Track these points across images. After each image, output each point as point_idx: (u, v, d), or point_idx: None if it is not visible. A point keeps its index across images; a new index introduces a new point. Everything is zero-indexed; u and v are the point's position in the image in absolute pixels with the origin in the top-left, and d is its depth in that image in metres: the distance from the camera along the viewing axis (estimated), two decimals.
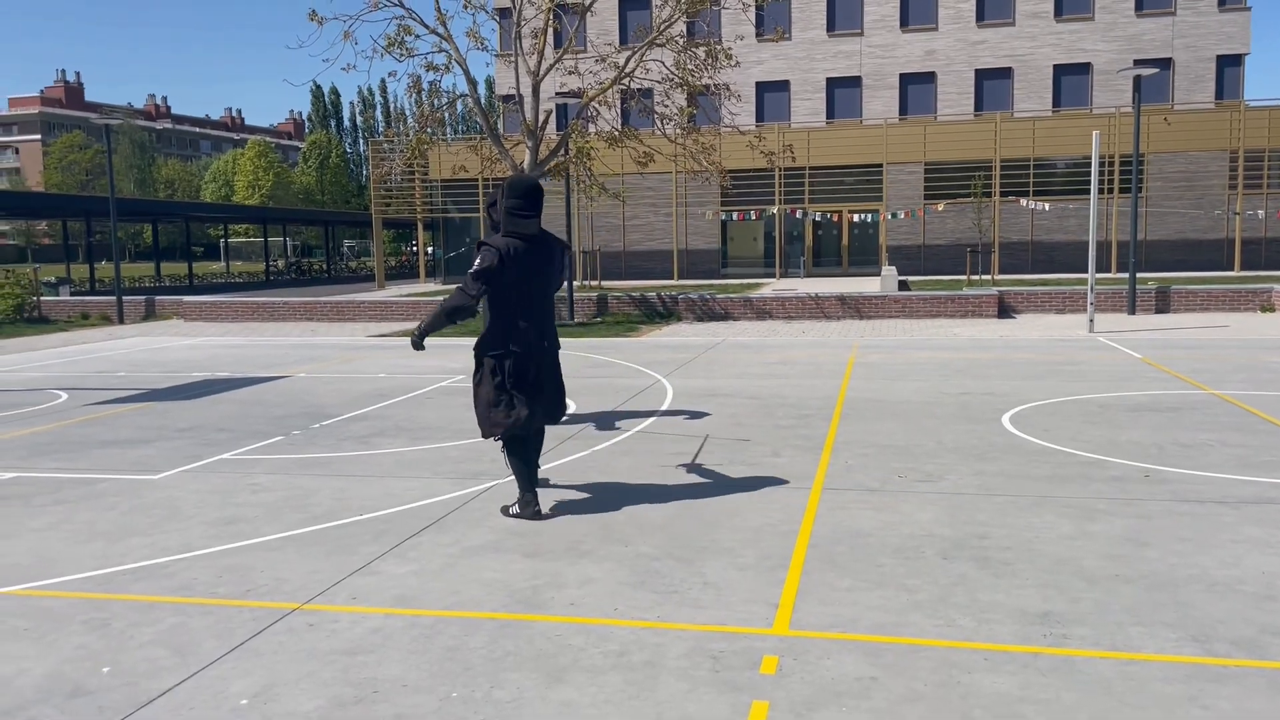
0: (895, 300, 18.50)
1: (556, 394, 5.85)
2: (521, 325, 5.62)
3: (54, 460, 7.46)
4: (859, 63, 38.38)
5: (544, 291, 5.75)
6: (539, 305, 5.70)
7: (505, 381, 5.61)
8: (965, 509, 5.65)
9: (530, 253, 5.62)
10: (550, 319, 5.81)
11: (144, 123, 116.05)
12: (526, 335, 5.62)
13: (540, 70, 17.73)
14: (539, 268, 5.66)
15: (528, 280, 5.62)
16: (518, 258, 5.57)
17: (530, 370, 5.65)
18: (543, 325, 5.71)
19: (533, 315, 5.65)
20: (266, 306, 21.06)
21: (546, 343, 5.74)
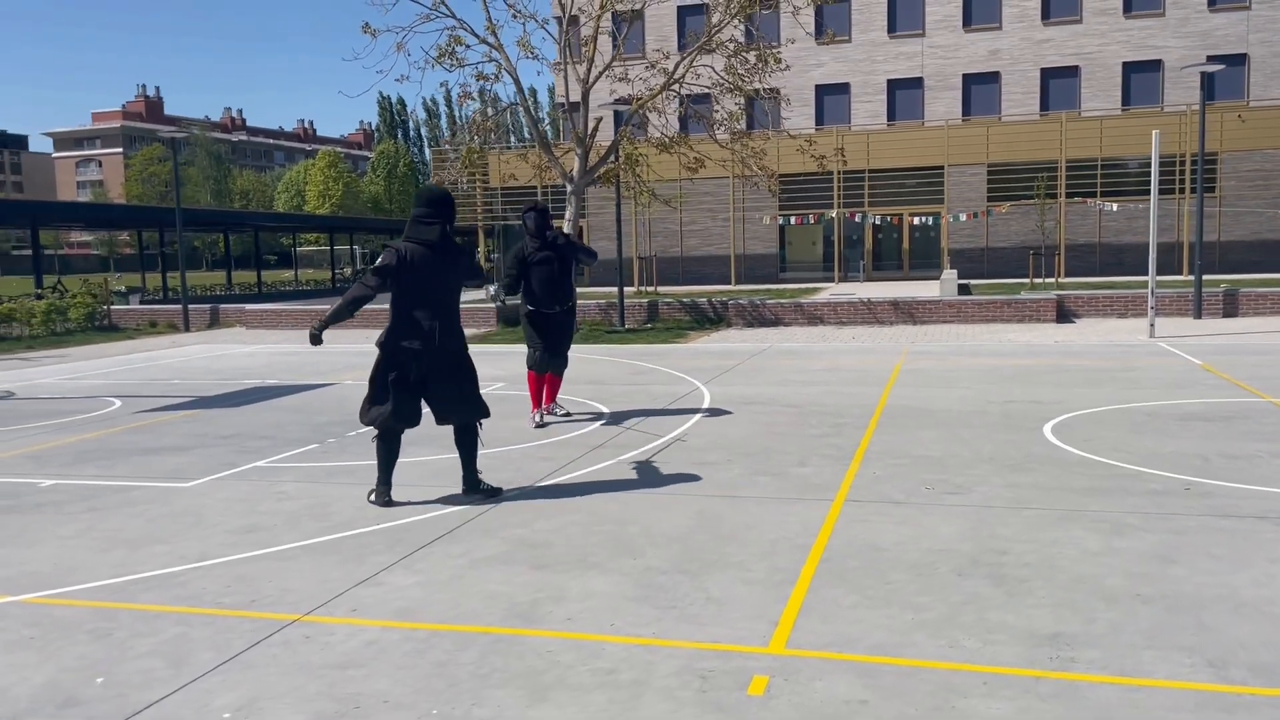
0: (950, 305, 18.14)
1: (457, 395, 6.14)
2: (415, 327, 5.98)
3: (95, 467, 7.63)
4: (920, 64, 37.81)
5: (442, 296, 6.07)
6: (437, 309, 6.03)
7: (389, 378, 5.99)
8: (990, 523, 5.48)
9: (430, 258, 6.01)
10: (452, 321, 6.13)
11: (220, 135, 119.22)
12: (420, 336, 5.96)
13: (590, 78, 17.77)
14: (438, 273, 6.03)
15: (425, 284, 5.99)
16: (416, 262, 5.98)
17: (413, 371, 5.98)
18: (441, 328, 6.02)
19: (430, 318, 5.99)
20: (322, 314, 21.38)
21: (445, 344, 6.03)
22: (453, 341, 6.12)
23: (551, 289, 8.72)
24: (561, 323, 8.85)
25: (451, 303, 6.16)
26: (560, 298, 8.77)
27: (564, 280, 8.78)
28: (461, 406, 6.19)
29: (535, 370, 8.89)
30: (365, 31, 16.87)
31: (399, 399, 6.01)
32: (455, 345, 6.14)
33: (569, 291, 8.85)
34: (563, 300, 8.79)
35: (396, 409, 6.01)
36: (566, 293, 8.82)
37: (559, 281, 8.74)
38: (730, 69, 17.84)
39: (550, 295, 8.73)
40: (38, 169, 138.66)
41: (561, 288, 8.76)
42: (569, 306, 8.88)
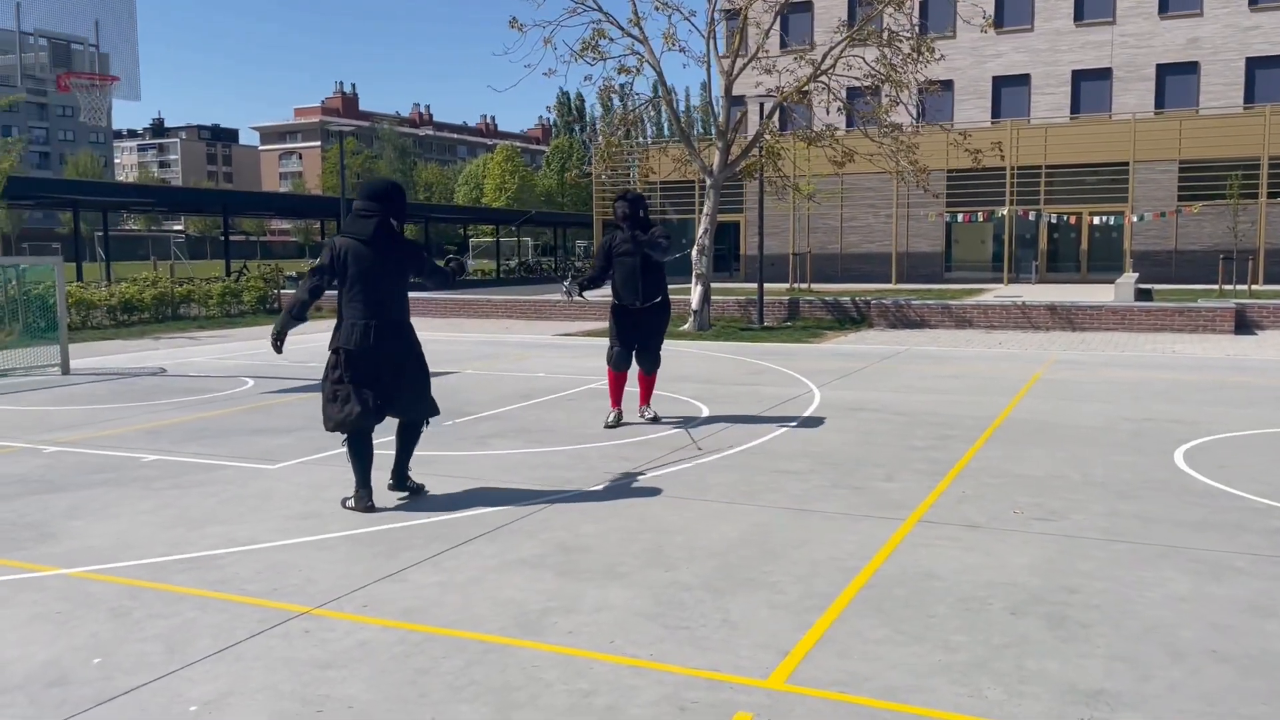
0: (1114, 312, 16.85)
1: (400, 392, 5.95)
2: (355, 323, 5.81)
3: (200, 445, 7.95)
4: (1110, 53, 35.43)
5: (380, 294, 5.83)
6: (374, 306, 5.82)
7: (343, 376, 5.83)
8: (1070, 555, 4.92)
9: (364, 253, 5.83)
10: (393, 318, 5.89)
11: (408, 130, 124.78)
12: (358, 333, 5.79)
13: (734, 70, 17.44)
14: (373, 268, 5.81)
15: (362, 280, 5.80)
16: (350, 258, 5.82)
17: (365, 367, 5.81)
18: (378, 326, 5.81)
19: (366, 315, 5.80)
20: (473, 304, 21.94)
21: (383, 344, 5.83)
22: (397, 341, 5.91)
23: (632, 283, 8.33)
24: (644, 320, 8.45)
25: (391, 299, 5.89)
26: (642, 293, 8.33)
27: (648, 274, 8.33)
28: (404, 404, 6.03)
29: (613, 368, 8.58)
30: (513, 26, 17.09)
31: (368, 398, 5.82)
32: (399, 344, 5.92)
33: (654, 287, 8.39)
34: (646, 295, 8.36)
35: (365, 408, 5.82)
36: (651, 288, 8.37)
37: (642, 275, 8.31)
38: (883, 60, 17.14)
39: (631, 290, 8.35)
40: (246, 161, 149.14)
41: (645, 282, 8.32)
42: (656, 303, 8.44)
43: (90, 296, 20.32)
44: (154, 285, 22.13)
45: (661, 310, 8.54)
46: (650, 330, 8.52)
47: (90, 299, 20.21)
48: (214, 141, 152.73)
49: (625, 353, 8.52)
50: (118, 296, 20.83)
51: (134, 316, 21.02)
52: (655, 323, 8.53)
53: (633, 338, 8.50)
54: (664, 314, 8.60)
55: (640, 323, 8.46)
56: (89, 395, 10.84)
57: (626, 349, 8.51)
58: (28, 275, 16.25)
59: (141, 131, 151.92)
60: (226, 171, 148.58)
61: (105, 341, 17.48)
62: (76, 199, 33.39)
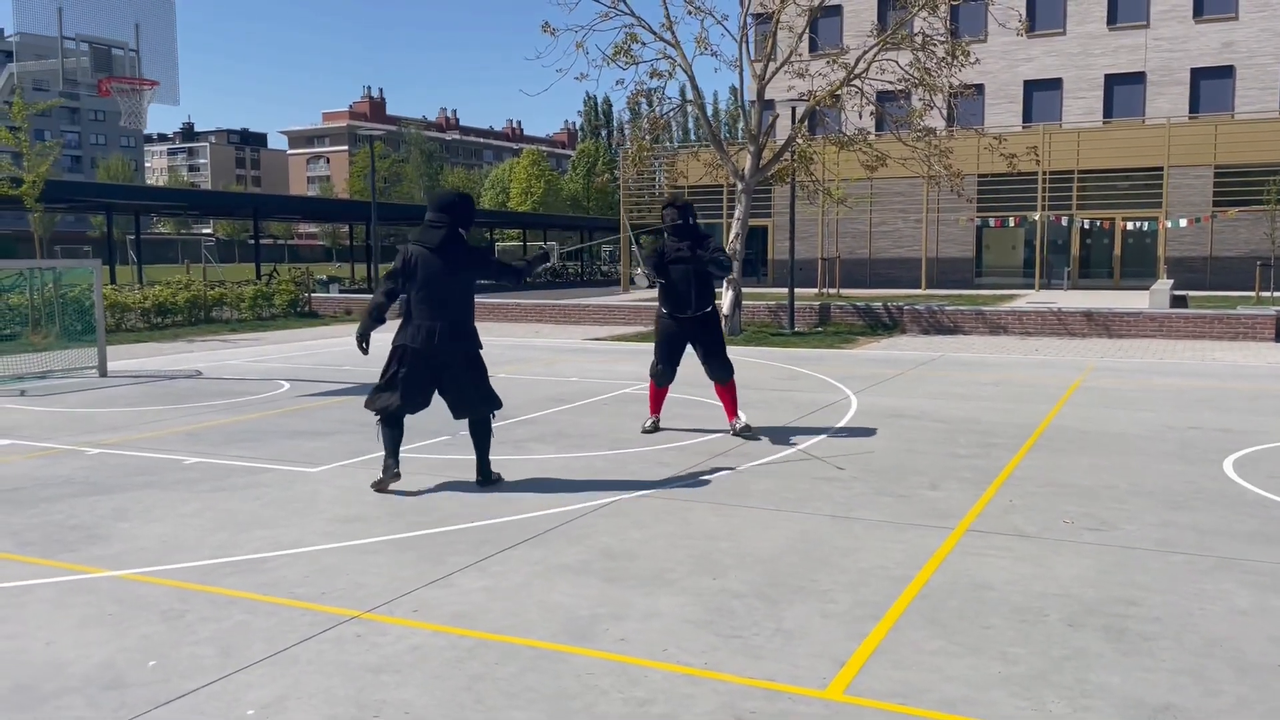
0: (1151, 319, 16.65)
1: (464, 392, 6.42)
2: (419, 327, 6.26)
3: (240, 448, 7.99)
4: (1143, 57, 35.06)
5: (444, 297, 6.28)
6: (438, 309, 6.26)
7: (399, 370, 6.32)
8: (1125, 567, 4.84)
9: (432, 260, 6.29)
10: (457, 322, 6.31)
11: (434, 134, 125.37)
12: (423, 334, 6.24)
13: (766, 74, 17.39)
14: (439, 275, 6.27)
15: (429, 284, 6.26)
16: (419, 265, 6.29)
17: (420, 366, 6.28)
18: (442, 329, 6.25)
19: (431, 318, 6.25)
20: (502, 307, 21.99)
21: (446, 345, 6.26)
22: (458, 342, 6.33)
23: (685, 293, 8.13)
24: (696, 330, 8.20)
25: (455, 303, 6.33)
26: (695, 303, 8.14)
27: (700, 284, 8.14)
28: (469, 403, 6.47)
29: (654, 380, 8.43)
30: (545, 30, 17.13)
31: (404, 392, 6.31)
32: (460, 346, 6.35)
33: (706, 297, 8.19)
34: (698, 305, 8.15)
35: (401, 400, 6.32)
36: (703, 298, 8.16)
37: (695, 284, 8.13)
38: (916, 64, 17.04)
39: (683, 300, 8.15)
40: (274, 165, 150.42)
41: (697, 292, 8.14)
42: (708, 311, 8.22)
43: (124, 299, 20.52)
44: (187, 288, 22.33)
45: (713, 318, 8.32)
46: (706, 340, 8.25)
47: (124, 302, 20.41)
48: (243, 145, 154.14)
49: (669, 369, 8.35)
50: (151, 299, 21.02)
51: (167, 319, 21.22)
52: (709, 332, 8.27)
53: (679, 351, 8.31)
54: (716, 322, 8.36)
55: (691, 333, 8.24)
56: (128, 397, 10.93)
57: (670, 365, 8.34)
58: (64, 278, 16.44)
59: (171, 135, 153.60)
60: (255, 175, 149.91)
61: (140, 344, 17.64)
62: (110, 202, 33.76)
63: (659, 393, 8.53)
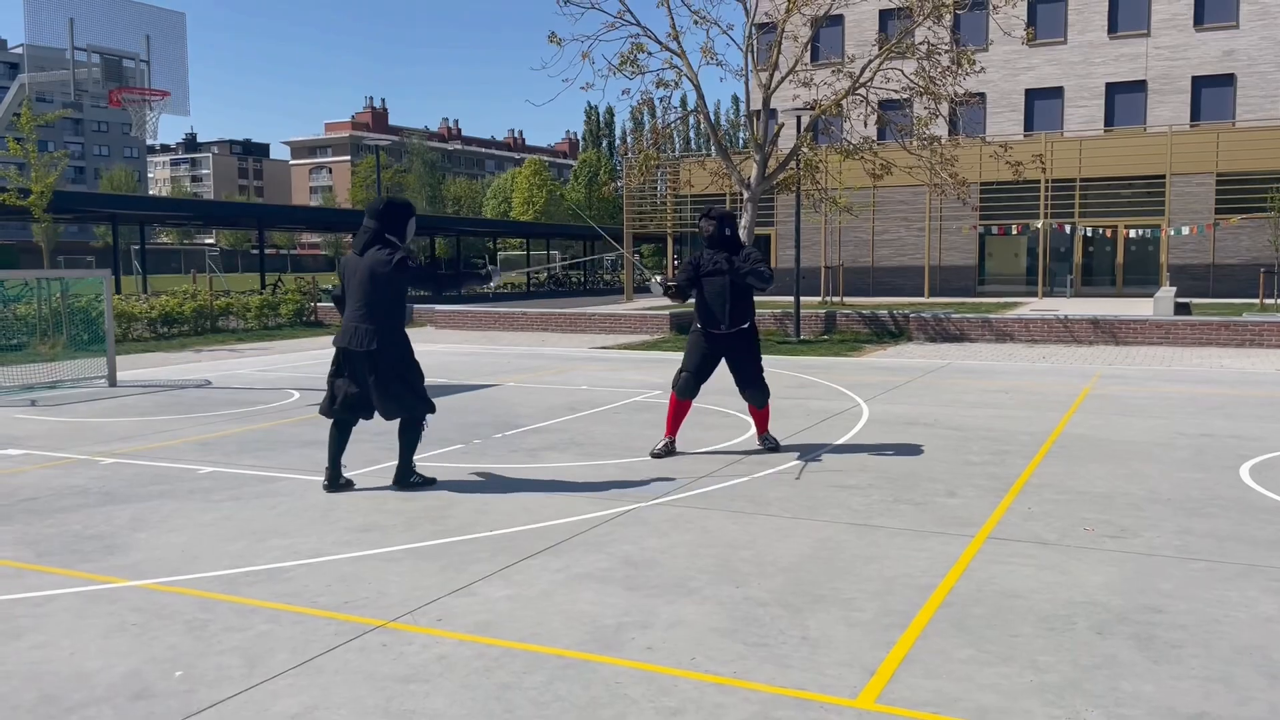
0: (1158, 326, 16.65)
1: (388, 392, 6.54)
2: (346, 325, 6.52)
3: (253, 457, 7.98)
4: (1144, 65, 35.12)
5: (364, 299, 6.45)
6: (359, 312, 6.46)
7: (335, 372, 6.62)
8: (1148, 574, 4.83)
9: (358, 264, 6.53)
10: (374, 324, 6.43)
11: (436, 144, 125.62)
12: (346, 334, 6.49)
13: (771, 83, 17.42)
14: (364, 277, 6.47)
15: (353, 287, 6.53)
16: (348, 267, 6.61)
17: (344, 367, 6.55)
18: (363, 330, 6.42)
19: (353, 319, 6.47)
20: (507, 317, 22.00)
21: (365, 345, 6.41)
22: (378, 343, 6.43)
23: (720, 306, 7.66)
24: (732, 347, 7.78)
25: (376, 305, 6.45)
26: (730, 317, 7.68)
27: (738, 298, 7.68)
28: (393, 404, 6.61)
29: (676, 393, 7.84)
30: (552, 41, 17.17)
31: (344, 394, 6.57)
32: (382, 347, 6.44)
33: (744, 311, 7.74)
34: (734, 320, 7.70)
35: (334, 400, 6.60)
36: (740, 313, 7.72)
37: (731, 298, 7.66)
38: (921, 72, 17.08)
39: (718, 313, 7.67)
40: (276, 175, 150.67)
41: (734, 306, 7.67)
42: (744, 328, 7.79)
43: (131, 309, 20.53)
44: (193, 298, 22.34)
45: (750, 335, 7.87)
46: (742, 361, 7.83)
47: (131, 311, 20.41)
48: (245, 156, 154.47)
49: (694, 380, 7.80)
50: (158, 309, 21.03)
51: (174, 329, 21.22)
52: (746, 349, 7.83)
53: (710, 367, 7.84)
54: (753, 339, 7.92)
55: (727, 350, 7.81)
56: (138, 407, 10.93)
57: (696, 377, 7.80)
58: (71, 288, 16.46)
59: (175, 146, 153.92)
60: (258, 185, 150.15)
61: (147, 354, 17.64)
62: (115, 212, 33.80)
63: (679, 408, 7.89)
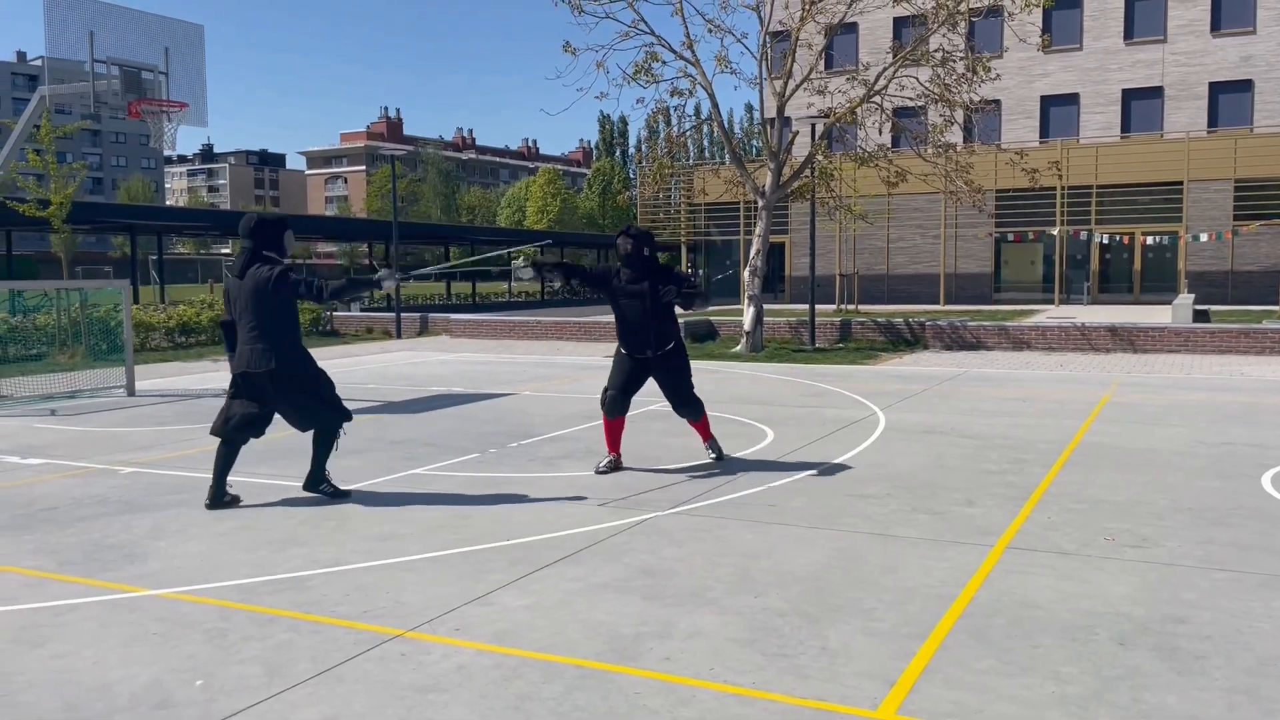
0: (1176, 333, 16.55)
1: (300, 408, 6.58)
2: (241, 349, 6.44)
3: (271, 466, 8.01)
4: (1161, 72, 34.97)
5: (254, 319, 6.38)
6: (249, 331, 6.40)
7: (234, 395, 6.57)
8: (1171, 584, 4.79)
9: (240, 286, 6.46)
10: (272, 340, 6.36)
11: (451, 153, 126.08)
12: (244, 358, 6.41)
13: (786, 91, 17.43)
14: (248, 298, 6.40)
15: (241, 310, 6.45)
16: (232, 291, 6.53)
17: (243, 390, 6.49)
18: (261, 349, 6.35)
19: (249, 340, 6.39)
20: (522, 325, 22.04)
21: (265, 364, 6.34)
22: (273, 360, 6.34)
23: (643, 331, 7.37)
24: (658, 369, 7.51)
25: (268, 324, 6.37)
26: (655, 341, 7.40)
27: (660, 320, 7.37)
28: (303, 419, 6.66)
29: (606, 414, 7.59)
30: (566, 50, 17.22)
31: (234, 414, 6.53)
32: (275, 364, 6.34)
33: (667, 334, 7.42)
34: (656, 344, 7.41)
35: (231, 423, 6.54)
36: (664, 335, 7.41)
37: (650, 322, 7.34)
38: (936, 79, 17.05)
39: (640, 338, 7.41)
40: (292, 185, 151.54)
41: (653, 329, 7.36)
42: (667, 350, 7.47)
43: (149, 319, 20.65)
44: (210, 308, 22.45)
45: (675, 354, 7.54)
46: (672, 381, 7.56)
47: (149, 321, 20.54)
48: (261, 166, 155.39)
49: (620, 397, 7.53)
50: (175, 319, 21.16)
51: (191, 339, 21.34)
52: (674, 369, 7.55)
53: (636, 383, 7.58)
54: (678, 360, 7.57)
55: (656, 371, 7.54)
56: (156, 416, 10.99)
57: (623, 394, 7.54)
58: (90, 299, 16.58)
59: (191, 157, 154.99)
60: (273, 195, 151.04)
61: (165, 363, 17.75)
62: (133, 223, 34.02)
63: (613, 426, 7.63)
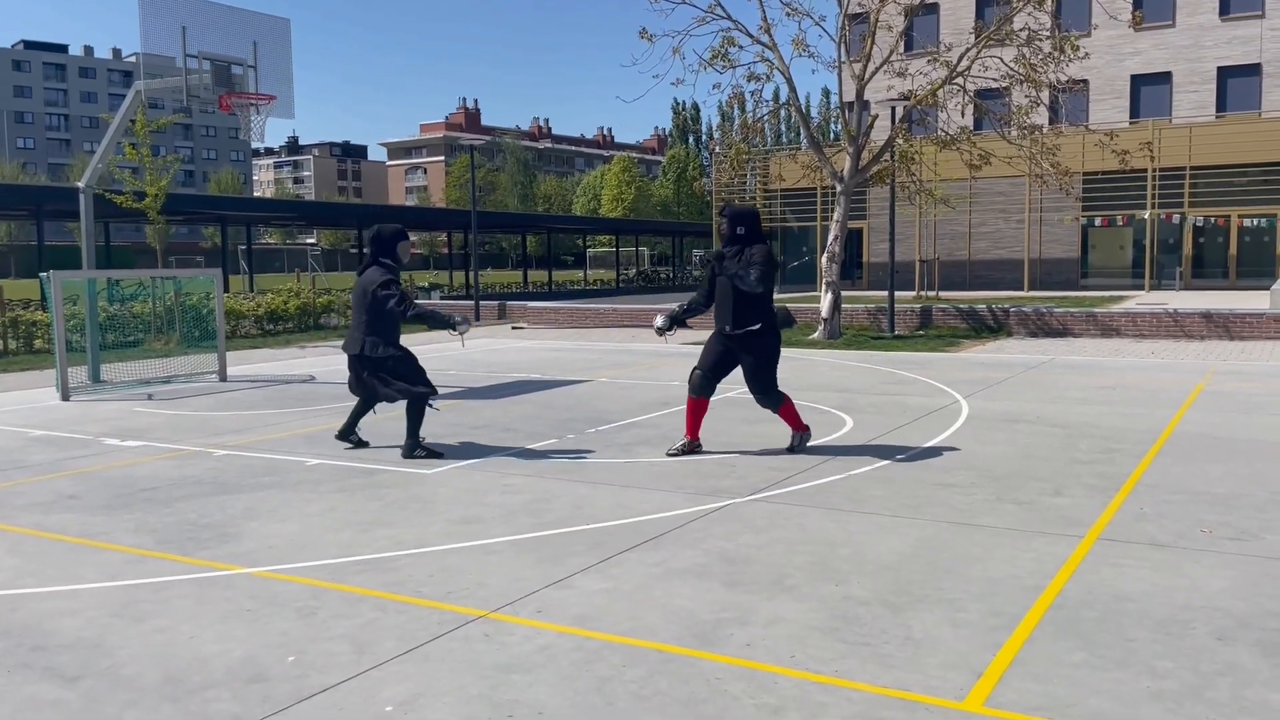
0: (1277, 320, 15.91)
1: (380, 388, 7.80)
2: (348, 332, 8.04)
3: (358, 450, 8.19)
4: (1259, 48, 33.56)
5: (358, 310, 7.81)
6: (356, 320, 7.85)
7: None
8: (1274, 579, 4.61)
9: (356, 282, 7.89)
10: (367, 330, 7.71)
11: (528, 143, 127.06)
12: (347, 340, 7.97)
13: (865, 74, 17.16)
14: (356, 293, 7.84)
15: (353, 301, 7.92)
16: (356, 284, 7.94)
17: (349, 363, 7.98)
18: (355, 335, 7.82)
19: (353, 326, 7.88)
20: (597, 313, 22.14)
21: (356, 348, 7.78)
22: (362, 347, 7.71)
23: (724, 306, 7.40)
24: (739, 349, 7.42)
25: (365, 316, 7.70)
26: (732, 318, 7.35)
27: (738, 299, 7.31)
28: (381, 395, 7.85)
29: (690, 392, 7.62)
30: (643, 37, 17.20)
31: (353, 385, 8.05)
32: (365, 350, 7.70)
33: (746, 314, 7.31)
34: (736, 322, 7.34)
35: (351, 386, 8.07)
36: (743, 315, 7.32)
37: (732, 299, 7.34)
38: (1021, 60, 16.62)
39: (722, 313, 7.42)
40: (373, 176, 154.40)
41: (736, 308, 7.32)
42: (752, 331, 7.35)
43: (239, 307, 21.26)
44: (297, 296, 23.03)
45: (758, 339, 7.39)
46: (750, 365, 7.45)
47: (239, 309, 21.14)
48: (344, 158, 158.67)
49: (705, 378, 7.54)
50: (264, 307, 21.74)
51: (279, 326, 21.91)
52: (754, 354, 7.42)
53: (723, 365, 7.53)
54: (759, 345, 7.41)
55: (739, 352, 7.46)
56: (248, 401, 11.31)
57: (706, 375, 7.54)
58: (184, 287, 17.13)
59: (278, 149, 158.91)
60: (356, 186, 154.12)
61: (254, 350, 18.26)
62: (224, 214, 35.04)
63: (696, 406, 7.65)
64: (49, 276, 11.86)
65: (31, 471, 7.59)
